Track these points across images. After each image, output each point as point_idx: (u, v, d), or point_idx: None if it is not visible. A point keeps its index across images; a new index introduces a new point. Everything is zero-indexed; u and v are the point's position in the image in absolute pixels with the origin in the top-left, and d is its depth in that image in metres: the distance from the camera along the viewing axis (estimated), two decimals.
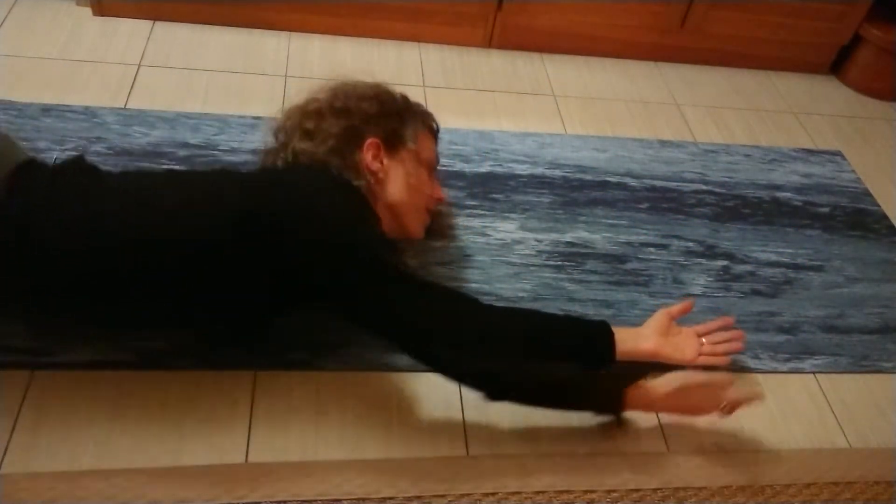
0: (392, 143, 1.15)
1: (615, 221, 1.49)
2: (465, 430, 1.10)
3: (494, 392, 1.02)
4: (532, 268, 1.36)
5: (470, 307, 1.07)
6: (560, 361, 1.09)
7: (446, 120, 1.63)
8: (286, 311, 1.08)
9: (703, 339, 1.18)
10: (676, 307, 1.20)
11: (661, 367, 1.12)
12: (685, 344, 1.16)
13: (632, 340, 1.12)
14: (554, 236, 1.43)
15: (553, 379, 1.03)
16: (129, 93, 1.55)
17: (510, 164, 1.56)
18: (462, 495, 1.02)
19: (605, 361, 1.12)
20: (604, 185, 1.57)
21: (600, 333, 1.12)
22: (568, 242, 1.42)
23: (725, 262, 1.45)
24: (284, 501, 0.98)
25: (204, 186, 1.02)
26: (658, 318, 1.17)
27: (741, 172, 1.68)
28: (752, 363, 1.27)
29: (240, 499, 0.97)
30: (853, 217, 1.62)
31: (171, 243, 0.95)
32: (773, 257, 1.48)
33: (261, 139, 1.21)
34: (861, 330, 1.37)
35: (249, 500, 0.97)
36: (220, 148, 1.46)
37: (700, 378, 1.06)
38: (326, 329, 1.18)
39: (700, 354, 1.16)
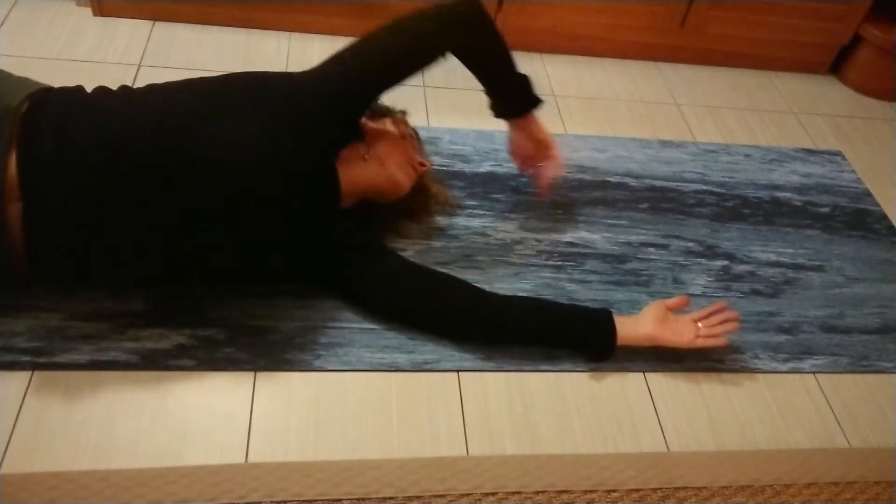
0: (373, 115, 1.30)
1: (615, 221, 1.49)
2: (465, 430, 1.10)
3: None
4: (532, 268, 1.36)
5: (473, 298, 1.18)
6: (562, 349, 1.21)
7: (446, 120, 1.64)
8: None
9: (699, 325, 1.21)
10: (672, 300, 1.24)
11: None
12: (683, 329, 1.20)
13: (631, 326, 1.19)
14: (554, 236, 1.43)
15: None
16: None
17: (510, 165, 1.56)
18: (462, 495, 1.02)
19: (606, 349, 1.20)
20: (604, 185, 1.57)
21: (602, 322, 1.19)
22: (568, 242, 1.42)
23: (725, 262, 1.45)
24: (284, 501, 0.98)
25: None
26: (654, 307, 1.22)
27: (741, 172, 1.68)
28: (752, 363, 1.27)
29: (240, 499, 0.97)
30: (853, 217, 1.62)
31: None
32: (773, 257, 1.48)
33: None
34: (861, 330, 1.37)
35: (249, 500, 0.97)
36: None
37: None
38: (326, 329, 1.18)
39: (697, 337, 1.20)
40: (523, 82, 1.30)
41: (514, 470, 1.06)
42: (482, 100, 1.74)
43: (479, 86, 1.78)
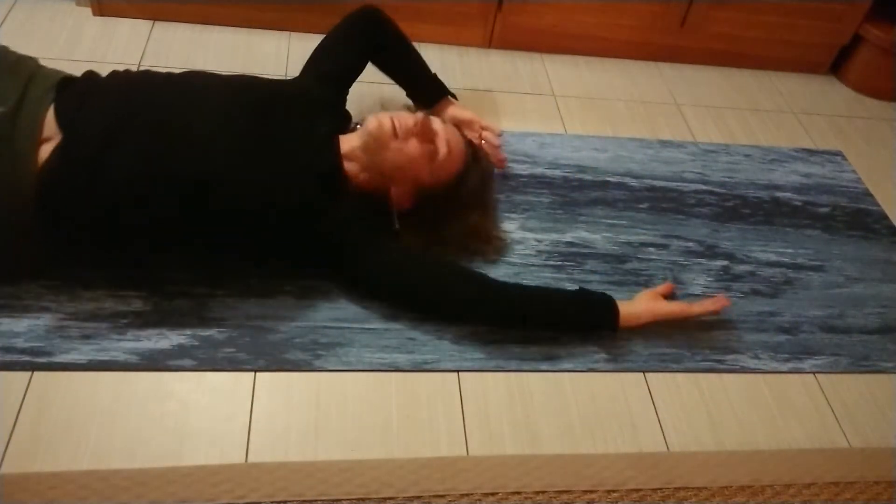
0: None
1: (615, 221, 1.49)
2: (465, 430, 1.10)
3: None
4: (532, 268, 1.36)
5: (475, 287, 1.20)
6: (564, 332, 1.26)
7: None
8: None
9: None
10: (660, 287, 1.32)
11: None
12: (677, 302, 1.29)
13: (629, 305, 1.24)
14: (554, 236, 1.43)
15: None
16: None
17: (510, 164, 1.56)
18: (462, 495, 1.02)
19: (610, 328, 1.23)
20: (604, 185, 1.57)
21: (604, 310, 1.22)
22: (568, 242, 1.42)
23: (725, 262, 1.45)
24: (284, 501, 0.98)
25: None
26: (645, 293, 1.29)
27: (741, 172, 1.68)
28: (752, 363, 1.27)
29: (240, 499, 0.97)
30: (853, 217, 1.62)
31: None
32: (773, 257, 1.48)
33: None
34: (861, 330, 1.37)
35: (249, 500, 0.97)
36: None
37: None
38: (326, 329, 1.18)
39: (692, 307, 1.26)
40: (435, 76, 1.52)
41: (514, 470, 1.06)
42: (481, 101, 1.76)
43: (479, 87, 1.79)
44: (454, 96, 1.53)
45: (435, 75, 1.52)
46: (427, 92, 1.52)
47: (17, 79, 1.07)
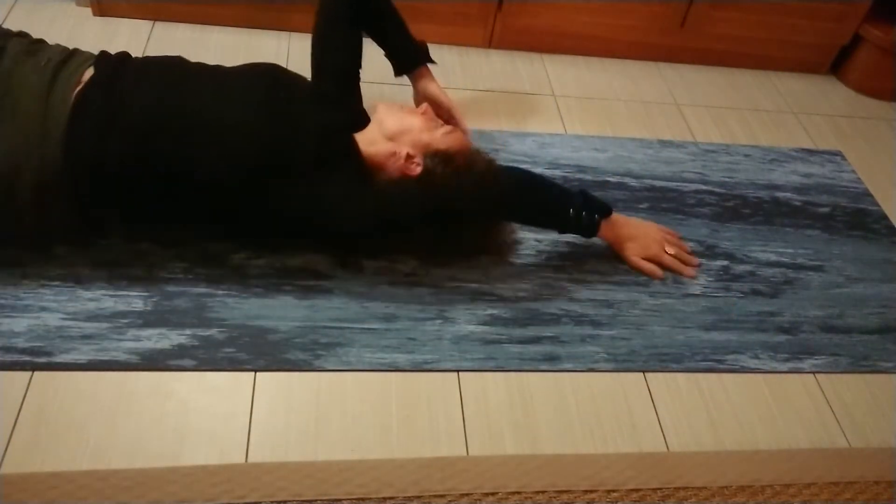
0: None
1: None
2: (465, 430, 1.10)
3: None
4: (532, 268, 1.36)
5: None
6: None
7: None
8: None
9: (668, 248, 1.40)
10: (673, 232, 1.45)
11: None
12: (650, 245, 1.40)
13: (612, 231, 1.36)
14: (554, 236, 1.43)
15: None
16: None
17: (510, 164, 1.56)
18: (462, 495, 1.02)
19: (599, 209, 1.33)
20: (604, 185, 1.57)
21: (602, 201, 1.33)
22: (568, 242, 1.42)
23: (725, 262, 1.45)
24: (284, 501, 0.98)
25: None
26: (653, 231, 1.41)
27: (741, 172, 1.68)
28: (751, 363, 1.27)
29: (240, 499, 0.97)
30: (853, 217, 1.62)
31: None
32: (773, 257, 1.48)
33: None
34: (861, 330, 1.37)
35: (249, 500, 0.97)
36: None
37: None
38: (326, 329, 1.19)
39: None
40: (421, 43, 1.46)
41: (514, 470, 1.06)
42: (481, 100, 1.76)
43: (479, 87, 1.80)
44: (431, 61, 1.47)
45: (417, 43, 1.45)
46: (409, 52, 1.45)
47: (66, 50, 1.19)
